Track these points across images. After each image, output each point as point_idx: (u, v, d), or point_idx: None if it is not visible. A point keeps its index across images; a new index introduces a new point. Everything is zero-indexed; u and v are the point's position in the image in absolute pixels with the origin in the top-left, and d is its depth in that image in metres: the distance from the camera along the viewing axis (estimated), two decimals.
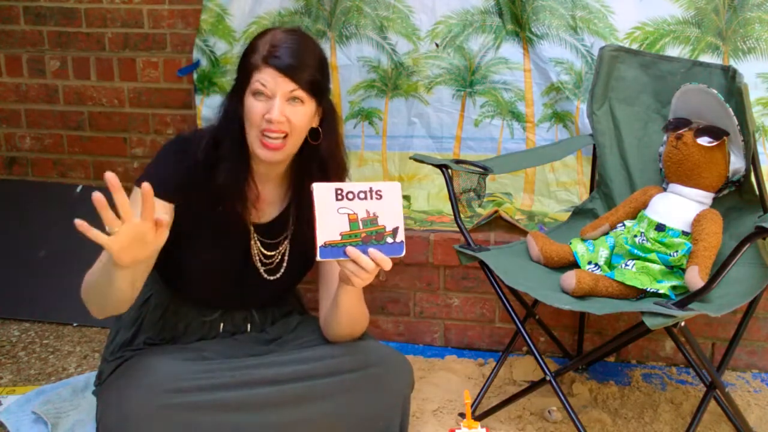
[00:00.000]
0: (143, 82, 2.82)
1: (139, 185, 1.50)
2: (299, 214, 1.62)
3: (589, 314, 2.22)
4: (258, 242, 1.62)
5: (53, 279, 2.60)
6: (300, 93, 1.48)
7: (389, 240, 1.35)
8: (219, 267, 1.60)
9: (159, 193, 1.46)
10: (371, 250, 1.33)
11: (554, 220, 2.38)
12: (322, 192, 1.31)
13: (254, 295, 1.68)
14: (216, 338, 1.67)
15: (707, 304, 1.58)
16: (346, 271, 1.37)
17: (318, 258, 1.32)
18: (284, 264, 1.65)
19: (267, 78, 1.46)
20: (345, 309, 1.52)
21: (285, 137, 1.49)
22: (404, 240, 1.36)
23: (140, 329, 1.64)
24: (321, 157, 1.57)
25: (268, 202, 1.62)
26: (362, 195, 1.33)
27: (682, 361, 2.23)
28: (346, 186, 1.32)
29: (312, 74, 1.49)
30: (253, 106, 1.48)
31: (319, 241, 1.31)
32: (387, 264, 1.35)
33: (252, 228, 1.61)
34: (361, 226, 1.33)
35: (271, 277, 1.65)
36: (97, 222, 1.33)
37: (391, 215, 1.34)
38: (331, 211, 1.31)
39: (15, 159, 2.97)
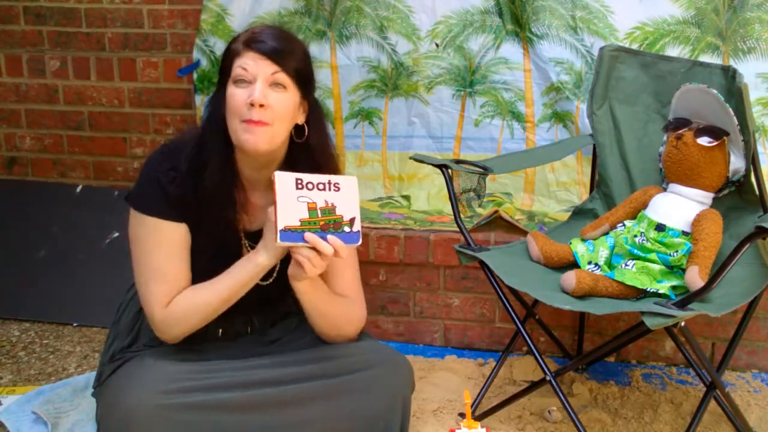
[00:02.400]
0: (143, 82, 2.82)
1: (132, 204, 1.51)
2: None
3: (589, 314, 2.22)
4: (249, 249, 1.59)
5: (53, 279, 2.60)
6: (282, 77, 1.45)
7: (346, 229, 1.40)
8: (212, 275, 1.56)
9: (170, 217, 1.49)
10: (330, 236, 1.38)
11: (554, 220, 2.38)
12: (283, 180, 1.37)
13: (250, 301, 1.65)
14: (217, 341, 1.66)
15: (707, 304, 1.58)
16: (300, 258, 1.38)
17: (278, 241, 1.36)
18: (276, 268, 1.61)
19: (248, 61, 1.44)
20: (311, 309, 1.52)
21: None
22: (360, 230, 1.42)
23: (138, 337, 1.63)
24: (308, 155, 1.54)
25: (258, 208, 1.59)
26: (321, 186, 1.39)
27: (682, 361, 2.23)
28: (306, 177, 1.39)
29: (296, 61, 1.47)
30: (234, 93, 1.45)
31: (280, 225, 1.35)
32: (343, 251, 1.39)
33: (243, 235, 1.58)
34: (319, 215, 1.38)
35: (264, 283, 1.61)
36: (97, 222, 1.34)
37: (348, 206, 1.41)
38: (291, 198, 1.37)
39: (15, 159, 2.97)
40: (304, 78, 1.50)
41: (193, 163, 1.49)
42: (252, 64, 1.44)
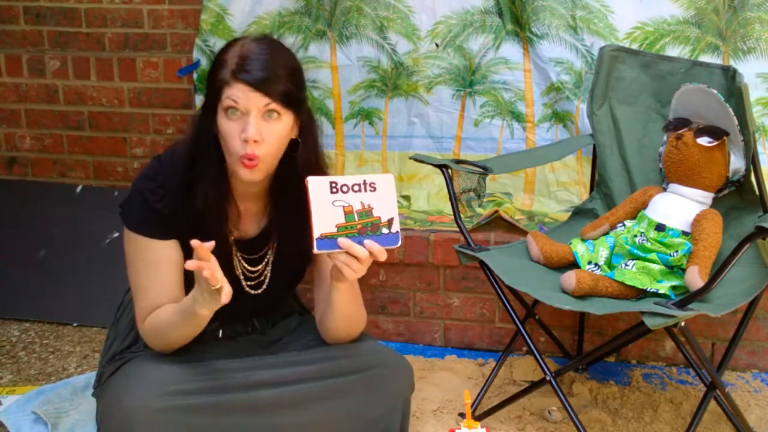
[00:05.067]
0: (143, 82, 2.82)
1: (122, 219, 1.50)
2: (281, 227, 1.58)
3: (589, 314, 2.22)
4: (241, 259, 1.58)
5: (53, 279, 2.60)
6: (275, 106, 1.42)
7: (384, 231, 1.35)
8: None
9: (156, 235, 1.47)
10: (367, 241, 1.33)
11: (554, 220, 2.38)
12: (316, 185, 1.32)
13: (245, 309, 1.64)
14: (217, 341, 1.66)
15: (707, 304, 1.58)
16: (338, 263, 1.35)
17: (315, 250, 1.32)
18: (266, 277, 1.61)
19: (238, 94, 1.40)
20: (339, 309, 1.50)
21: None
22: (399, 231, 1.36)
23: (137, 338, 1.62)
24: (299, 167, 1.51)
25: (250, 218, 1.58)
26: (356, 188, 1.33)
27: (682, 361, 2.23)
28: (340, 179, 1.33)
29: (285, 85, 1.43)
30: (229, 127, 1.42)
31: (316, 233, 1.31)
32: (382, 255, 1.34)
33: (234, 245, 1.56)
34: (356, 218, 1.33)
35: (258, 291, 1.61)
36: (97, 222, 1.34)
37: (385, 206, 1.35)
38: (326, 204, 1.32)
39: (15, 159, 2.97)
40: (296, 100, 1.47)
41: (184, 178, 1.48)
42: (242, 97, 1.40)
